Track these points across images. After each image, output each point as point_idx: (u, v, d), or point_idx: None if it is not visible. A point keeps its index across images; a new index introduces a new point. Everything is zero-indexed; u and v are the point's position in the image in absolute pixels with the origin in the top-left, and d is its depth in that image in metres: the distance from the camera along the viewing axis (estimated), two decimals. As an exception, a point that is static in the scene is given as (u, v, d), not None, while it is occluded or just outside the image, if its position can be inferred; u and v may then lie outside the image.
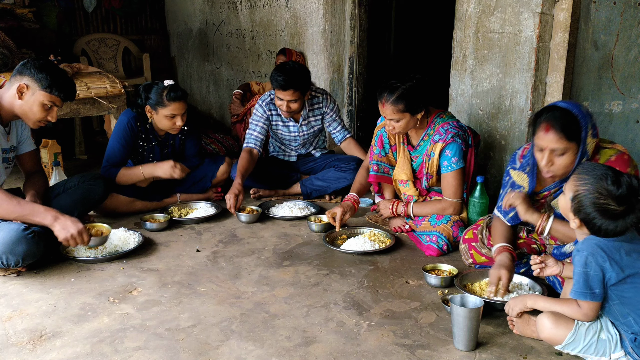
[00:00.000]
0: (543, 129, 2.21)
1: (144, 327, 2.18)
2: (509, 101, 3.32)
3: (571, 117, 2.19)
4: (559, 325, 1.92)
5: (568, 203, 1.89)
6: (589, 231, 1.87)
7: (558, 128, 2.18)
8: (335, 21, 4.78)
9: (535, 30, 3.08)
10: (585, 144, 2.20)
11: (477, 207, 2.98)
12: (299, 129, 3.82)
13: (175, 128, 3.37)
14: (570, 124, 2.18)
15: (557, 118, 2.19)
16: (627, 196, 1.78)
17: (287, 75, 3.49)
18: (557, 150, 2.21)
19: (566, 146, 2.19)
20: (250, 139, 3.79)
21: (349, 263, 2.78)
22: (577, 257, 1.87)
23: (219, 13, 6.65)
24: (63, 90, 2.72)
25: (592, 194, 1.81)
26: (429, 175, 3.01)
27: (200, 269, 2.72)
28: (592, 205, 1.81)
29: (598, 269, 1.81)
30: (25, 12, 6.80)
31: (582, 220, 1.86)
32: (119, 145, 3.38)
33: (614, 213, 1.78)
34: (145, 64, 7.47)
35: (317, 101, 3.81)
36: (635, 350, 1.85)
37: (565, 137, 2.18)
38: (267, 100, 3.79)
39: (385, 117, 2.91)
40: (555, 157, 2.23)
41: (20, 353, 2.00)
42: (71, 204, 2.98)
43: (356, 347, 2.05)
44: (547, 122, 2.20)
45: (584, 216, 1.84)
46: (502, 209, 2.54)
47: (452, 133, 2.89)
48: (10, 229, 2.52)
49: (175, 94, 3.28)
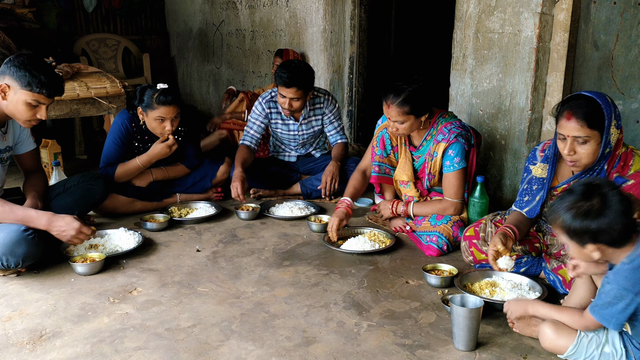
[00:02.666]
0: (565, 117, 2.21)
1: (144, 327, 2.18)
2: (509, 101, 3.32)
3: (594, 105, 2.19)
4: (560, 336, 1.89)
5: (569, 242, 1.82)
6: (606, 245, 1.76)
7: (580, 116, 2.17)
8: (335, 21, 4.78)
9: (535, 30, 3.08)
10: (609, 134, 2.19)
11: (477, 207, 2.98)
12: (299, 128, 3.82)
13: (165, 132, 3.34)
14: (592, 111, 2.18)
15: (580, 106, 2.19)
16: (589, 191, 1.76)
17: (292, 73, 3.50)
18: (579, 138, 2.20)
19: (588, 134, 2.19)
20: (246, 136, 3.80)
21: (349, 263, 2.78)
22: (607, 287, 1.76)
23: (219, 13, 6.65)
24: (45, 87, 2.56)
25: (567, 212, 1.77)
26: (431, 175, 3.01)
27: (200, 269, 2.72)
28: (574, 219, 1.75)
29: (627, 306, 1.72)
30: (25, 12, 6.81)
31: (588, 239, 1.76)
32: (115, 146, 3.38)
33: (593, 209, 1.73)
34: (145, 64, 7.47)
35: (319, 101, 3.81)
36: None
37: (587, 124, 2.17)
38: (267, 97, 3.80)
39: (389, 119, 2.90)
40: (578, 145, 2.23)
41: (20, 353, 2.00)
42: (71, 203, 2.98)
43: (356, 347, 2.05)
44: (569, 110, 2.20)
45: (582, 234, 1.76)
46: (519, 203, 2.56)
47: (456, 133, 2.89)
48: (11, 230, 2.51)
49: (165, 98, 3.25)
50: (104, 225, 3.25)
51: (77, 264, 2.62)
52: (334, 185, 3.61)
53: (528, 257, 2.58)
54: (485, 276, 2.48)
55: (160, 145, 3.38)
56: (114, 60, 7.54)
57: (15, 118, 2.65)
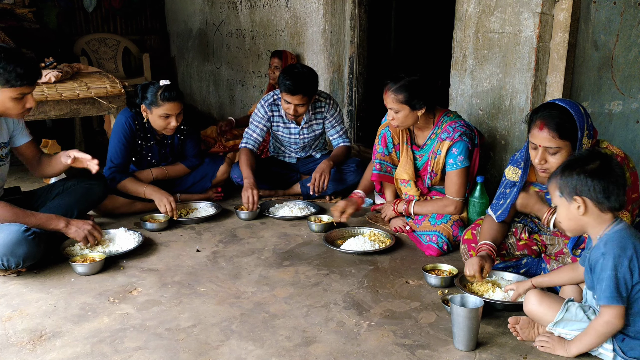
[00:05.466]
0: (538, 126, 2.21)
1: (144, 327, 2.18)
2: (509, 101, 3.32)
3: (567, 116, 2.19)
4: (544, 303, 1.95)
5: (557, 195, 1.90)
6: (592, 201, 1.83)
7: (552, 127, 2.18)
8: (335, 21, 4.78)
9: (535, 30, 3.08)
10: (581, 145, 2.20)
11: (477, 207, 2.98)
12: (300, 131, 3.82)
13: (169, 129, 3.35)
14: (565, 122, 2.18)
15: (553, 116, 2.19)
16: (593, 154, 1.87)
17: (297, 80, 3.45)
18: (550, 149, 2.21)
19: (560, 145, 2.19)
20: (249, 139, 3.78)
21: (349, 263, 2.78)
22: (602, 261, 1.81)
23: (219, 13, 6.65)
24: (24, 78, 2.51)
25: (568, 166, 1.87)
26: (433, 174, 3.02)
27: (200, 269, 2.72)
28: (570, 167, 1.86)
29: (627, 271, 1.78)
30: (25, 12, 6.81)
31: (579, 191, 1.83)
32: (120, 145, 3.37)
33: (593, 166, 1.82)
34: (145, 64, 7.47)
35: (320, 105, 3.80)
36: (623, 349, 1.86)
37: (559, 135, 2.18)
38: (269, 100, 3.78)
39: (386, 106, 2.93)
40: (549, 155, 2.23)
41: (20, 353, 2.00)
42: (70, 203, 2.98)
43: (356, 347, 2.05)
44: (542, 120, 2.20)
45: (574, 183, 1.84)
46: (494, 207, 2.56)
47: (460, 132, 2.90)
48: (11, 231, 2.51)
49: (170, 94, 3.26)
50: (104, 225, 3.25)
51: (77, 264, 2.62)
52: (322, 182, 3.52)
53: (528, 259, 2.58)
54: (485, 276, 2.48)
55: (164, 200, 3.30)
56: (114, 60, 7.55)
57: (7, 115, 2.66)
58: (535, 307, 1.98)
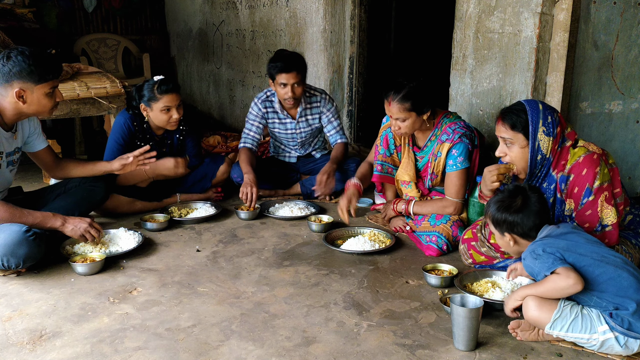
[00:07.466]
0: (497, 121, 2.42)
1: (144, 327, 2.18)
2: (509, 101, 3.32)
3: (521, 109, 2.35)
4: (542, 308, 1.98)
5: (494, 230, 2.21)
6: (519, 236, 2.14)
7: (506, 120, 2.36)
8: (335, 21, 4.77)
9: (535, 30, 3.08)
10: (536, 140, 2.32)
11: (477, 207, 2.98)
12: (296, 126, 3.82)
13: (172, 122, 3.36)
14: (518, 116, 2.34)
15: (510, 111, 2.38)
16: (516, 191, 2.14)
17: (287, 58, 3.52)
18: (506, 139, 2.38)
19: (512, 136, 2.36)
20: (247, 138, 3.79)
21: (349, 263, 2.78)
22: (528, 259, 2.04)
23: (219, 13, 6.65)
24: (52, 71, 2.64)
25: (494, 205, 2.17)
26: (433, 175, 3.01)
27: (200, 269, 2.72)
28: (497, 211, 2.14)
29: (554, 249, 1.96)
30: (25, 12, 6.81)
31: (506, 229, 2.14)
32: (117, 145, 3.38)
33: (514, 205, 2.11)
34: (145, 64, 7.47)
35: (315, 100, 3.80)
36: (617, 322, 1.91)
37: (510, 127, 2.34)
38: (262, 97, 3.79)
39: (391, 117, 2.90)
40: (507, 148, 2.40)
41: (20, 353, 2.00)
42: (72, 204, 2.98)
43: (356, 347, 2.05)
44: (500, 114, 2.40)
45: (501, 224, 2.14)
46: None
47: (460, 133, 2.90)
48: (12, 231, 2.51)
49: (167, 87, 3.29)
50: (104, 225, 3.24)
51: (77, 264, 2.62)
52: (328, 185, 3.56)
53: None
54: (485, 276, 2.48)
55: (172, 167, 3.40)
56: (114, 60, 7.54)
57: (40, 114, 2.75)
58: (534, 313, 1.99)
